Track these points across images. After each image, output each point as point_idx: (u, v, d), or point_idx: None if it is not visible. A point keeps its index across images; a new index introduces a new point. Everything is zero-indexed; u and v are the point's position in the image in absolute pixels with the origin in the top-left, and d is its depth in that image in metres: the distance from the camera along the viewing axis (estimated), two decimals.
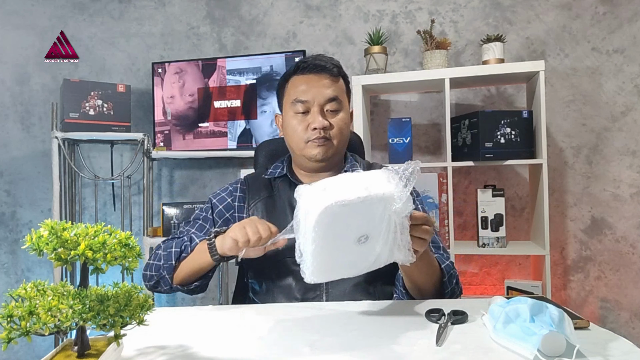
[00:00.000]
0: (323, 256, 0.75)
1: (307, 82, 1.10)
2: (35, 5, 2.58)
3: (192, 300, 2.52)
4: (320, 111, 1.09)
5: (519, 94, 2.23)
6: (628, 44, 2.12)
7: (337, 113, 1.11)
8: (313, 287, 1.05)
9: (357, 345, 0.73)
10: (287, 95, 1.14)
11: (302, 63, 1.12)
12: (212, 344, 0.76)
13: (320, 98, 1.09)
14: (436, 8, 2.29)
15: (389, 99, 2.36)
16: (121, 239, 0.63)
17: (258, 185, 1.17)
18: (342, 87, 1.14)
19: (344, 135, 1.13)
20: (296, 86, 1.12)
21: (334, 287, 1.06)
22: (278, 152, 1.31)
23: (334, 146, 1.11)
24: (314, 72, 1.11)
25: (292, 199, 1.09)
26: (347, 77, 1.19)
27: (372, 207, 0.72)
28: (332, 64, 1.12)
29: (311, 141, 1.09)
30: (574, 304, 2.16)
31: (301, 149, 1.11)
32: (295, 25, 2.43)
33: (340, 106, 1.12)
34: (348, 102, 1.18)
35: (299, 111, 1.10)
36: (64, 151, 2.25)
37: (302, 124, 1.10)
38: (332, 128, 1.10)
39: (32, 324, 0.55)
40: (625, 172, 2.12)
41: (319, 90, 1.09)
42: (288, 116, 1.13)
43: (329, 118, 1.10)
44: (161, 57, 2.52)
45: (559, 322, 0.66)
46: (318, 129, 1.08)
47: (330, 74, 1.11)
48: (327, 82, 1.11)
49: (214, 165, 2.50)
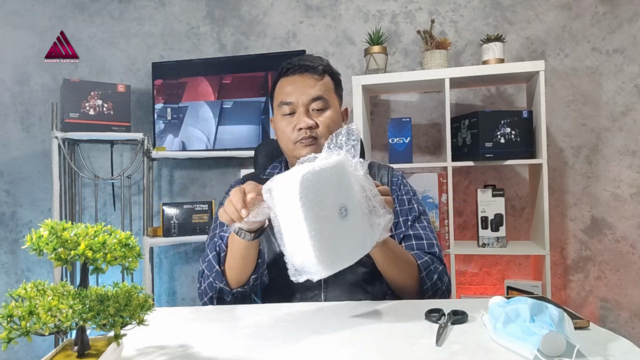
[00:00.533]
0: (320, 235, 0.76)
1: (292, 83, 1.12)
2: (35, 5, 2.58)
3: (192, 301, 2.52)
4: (305, 111, 1.10)
5: (519, 94, 2.23)
6: (628, 44, 2.12)
7: (323, 112, 1.12)
8: (312, 286, 1.05)
9: (357, 345, 0.73)
10: (275, 99, 1.16)
11: (287, 64, 1.14)
12: (212, 344, 0.76)
13: (303, 98, 1.10)
14: (436, 8, 2.29)
15: (389, 99, 2.36)
16: (121, 239, 0.63)
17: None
18: (328, 85, 1.15)
19: (331, 133, 1.13)
20: (282, 88, 1.13)
21: (333, 286, 1.07)
22: (277, 152, 1.31)
23: (323, 145, 1.11)
24: (298, 73, 1.12)
25: None
26: (337, 74, 1.19)
27: (336, 175, 0.80)
28: (318, 62, 1.13)
29: (299, 142, 1.10)
30: (574, 304, 2.16)
31: (291, 149, 1.13)
32: (295, 25, 2.43)
33: (327, 104, 1.12)
34: (339, 100, 1.18)
35: (285, 113, 1.12)
36: (64, 151, 2.25)
37: (289, 126, 1.11)
38: (319, 127, 1.10)
39: (32, 324, 0.55)
40: (625, 172, 2.12)
41: (302, 90, 1.11)
42: (277, 119, 1.15)
43: (315, 117, 1.10)
44: (161, 57, 2.53)
45: (559, 322, 0.66)
46: (304, 129, 1.09)
47: (315, 73, 1.12)
48: (310, 81, 1.12)
49: (214, 165, 2.50)
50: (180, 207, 2.23)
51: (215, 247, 1.04)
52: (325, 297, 1.06)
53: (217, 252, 1.03)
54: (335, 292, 1.06)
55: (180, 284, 2.54)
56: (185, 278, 2.53)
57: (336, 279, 1.06)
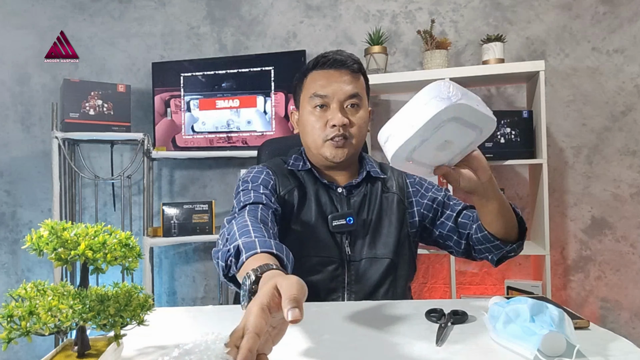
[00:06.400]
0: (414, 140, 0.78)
1: (327, 77, 1.07)
2: (35, 5, 2.58)
3: (192, 301, 2.52)
4: (339, 108, 1.05)
5: (519, 94, 2.23)
6: (628, 44, 2.12)
7: (357, 110, 1.08)
8: (335, 288, 1.05)
9: (357, 344, 0.73)
10: (305, 90, 1.10)
11: (322, 58, 1.09)
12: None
13: (340, 94, 1.06)
14: (436, 8, 2.29)
15: (389, 99, 2.36)
16: (121, 239, 0.63)
17: (283, 173, 1.13)
18: (362, 84, 1.11)
19: (362, 135, 1.09)
20: (315, 80, 1.08)
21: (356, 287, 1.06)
22: (282, 151, 1.30)
23: (353, 146, 1.08)
24: (334, 68, 1.07)
25: (318, 193, 1.09)
26: (367, 75, 1.16)
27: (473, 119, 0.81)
28: (352, 60, 1.09)
29: (329, 140, 1.06)
30: (574, 304, 2.16)
31: (318, 147, 1.08)
32: (295, 25, 2.43)
33: (361, 103, 1.08)
34: (368, 100, 1.14)
35: (317, 105, 1.07)
36: (64, 151, 2.25)
37: (320, 121, 1.06)
38: (352, 126, 1.06)
39: (32, 324, 0.55)
40: (625, 172, 2.12)
41: (339, 85, 1.06)
42: (305, 112, 1.09)
43: (348, 115, 1.06)
44: (161, 57, 2.53)
45: (559, 322, 0.66)
46: (337, 126, 1.04)
47: (351, 69, 1.08)
48: (347, 78, 1.07)
49: (214, 165, 2.50)
50: (181, 207, 2.23)
51: (227, 259, 0.80)
52: (348, 299, 1.05)
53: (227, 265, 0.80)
54: (357, 295, 1.05)
55: (180, 284, 2.54)
56: (186, 278, 2.53)
57: (358, 281, 1.05)
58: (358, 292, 1.05)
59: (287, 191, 1.09)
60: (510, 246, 1.03)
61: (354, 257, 1.06)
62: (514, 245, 1.03)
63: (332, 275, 1.05)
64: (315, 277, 1.04)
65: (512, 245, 1.03)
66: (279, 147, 1.36)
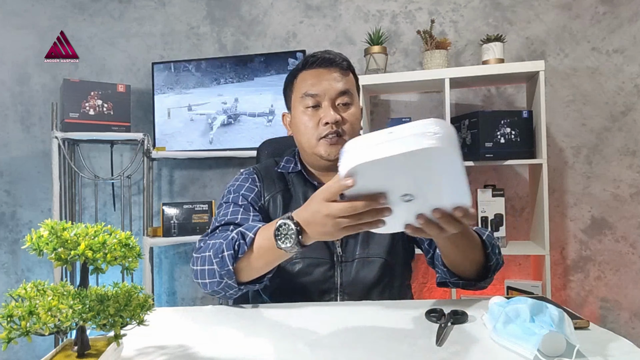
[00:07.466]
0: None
1: (317, 75, 1.07)
2: (35, 5, 2.58)
3: (192, 301, 2.52)
4: (331, 105, 1.06)
5: (519, 94, 2.23)
6: (628, 44, 2.12)
7: (348, 107, 1.08)
8: (328, 289, 1.04)
9: (357, 344, 0.73)
10: (295, 91, 1.11)
11: (311, 57, 1.10)
12: (212, 344, 0.76)
13: (331, 92, 1.06)
14: (436, 8, 2.29)
15: (389, 99, 2.36)
16: (121, 239, 0.63)
17: (271, 177, 1.14)
18: (352, 81, 1.12)
19: (355, 131, 1.09)
20: (305, 80, 1.08)
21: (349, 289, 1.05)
22: (281, 151, 1.30)
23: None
24: (323, 66, 1.08)
25: (307, 195, 1.07)
26: (356, 72, 1.17)
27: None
28: (341, 58, 1.10)
29: (323, 138, 1.05)
30: (574, 304, 2.16)
31: (312, 146, 1.07)
32: (295, 25, 2.43)
33: (352, 100, 1.09)
34: (358, 97, 1.15)
35: (308, 105, 1.07)
36: (64, 151, 2.25)
37: (312, 120, 1.06)
38: (345, 123, 1.06)
39: (32, 324, 0.55)
40: (625, 172, 2.12)
41: (329, 83, 1.06)
42: (297, 112, 1.09)
43: (340, 112, 1.07)
44: (161, 57, 2.52)
45: (559, 322, 0.66)
46: (330, 124, 1.04)
47: (340, 67, 1.09)
48: (337, 75, 1.08)
49: (214, 165, 2.50)
50: (180, 207, 2.23)
51: (234, 245, 0.91)
52: (341, 300, 1.04)
53: (235, 250, 0.91)
54: (351, 296, 1.04)
55: (180, 284, 2.54)
56: (185, 278, 2.53)
57: (352, 282, 1.04)
58: (352, 293, 1.04)
59: (271, 196, 1.11)
60: (472, 283, 0.99)
61: (346, 257, 1.06)
62: (475, 282, 0.99)
63: (324, 276, 1.04)
64: (306, 279, 1.04)
65: (473, 282, 0.99)
66: (279, 147, 1.36)
